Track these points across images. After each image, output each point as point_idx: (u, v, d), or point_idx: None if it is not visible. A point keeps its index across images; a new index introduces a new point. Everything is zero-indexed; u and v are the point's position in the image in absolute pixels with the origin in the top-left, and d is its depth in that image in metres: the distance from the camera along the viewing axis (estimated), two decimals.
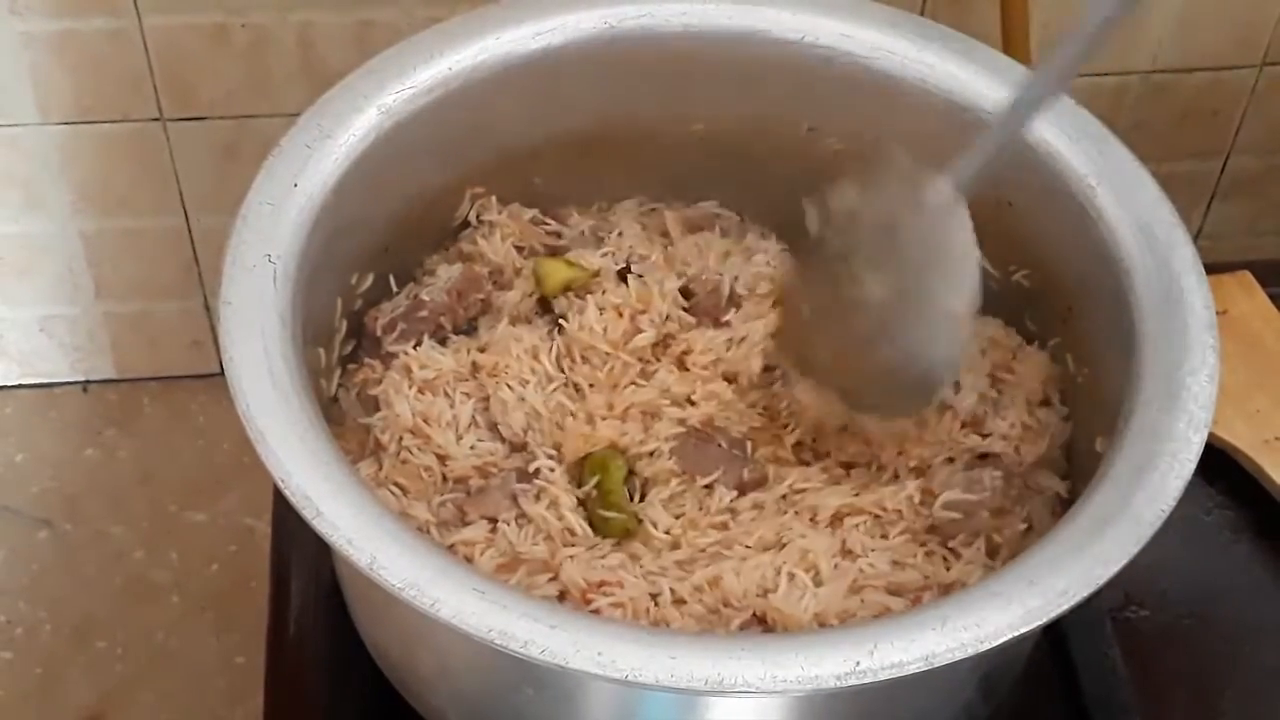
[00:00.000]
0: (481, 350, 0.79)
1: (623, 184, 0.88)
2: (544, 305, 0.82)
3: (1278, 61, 1.32)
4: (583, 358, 0.79)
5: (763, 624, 0.70)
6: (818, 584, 0.71)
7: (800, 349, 0.77)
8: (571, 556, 0.72)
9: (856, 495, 0.75)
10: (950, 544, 0.74)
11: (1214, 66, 1.31)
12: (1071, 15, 1.25)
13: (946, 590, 0.71)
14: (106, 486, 1.39)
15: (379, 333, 0.80)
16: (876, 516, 0.75)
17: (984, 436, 0.78)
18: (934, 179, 0.71)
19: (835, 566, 0.72)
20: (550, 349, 0.79)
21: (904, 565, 0.73)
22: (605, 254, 0.83)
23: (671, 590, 0.70)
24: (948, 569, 0.73)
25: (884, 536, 0.74)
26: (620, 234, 0.85)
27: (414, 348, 0.79)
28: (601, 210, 0.87)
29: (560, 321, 0.80)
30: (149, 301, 1.39)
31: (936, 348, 0.73)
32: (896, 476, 0.76)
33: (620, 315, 0.80)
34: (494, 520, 0.73)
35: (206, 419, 1.43)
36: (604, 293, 0.81)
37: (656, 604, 0.70)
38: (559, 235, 0.86)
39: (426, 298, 0.80)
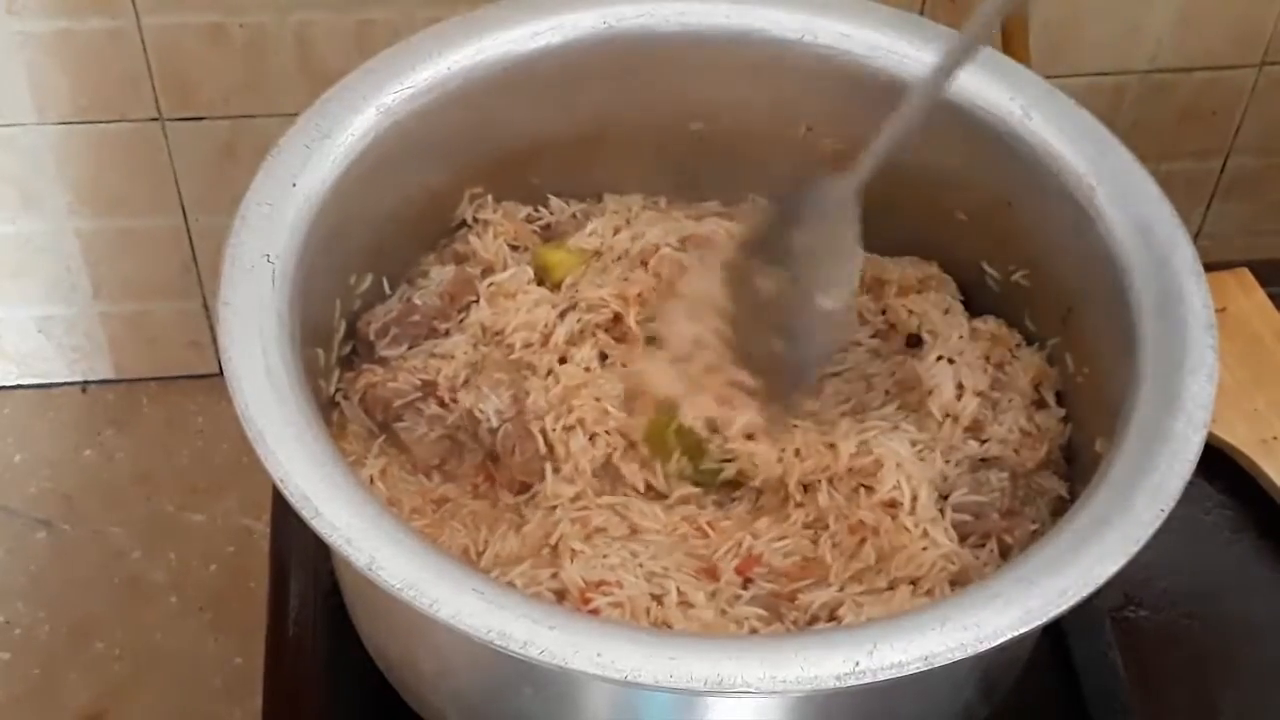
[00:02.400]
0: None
1: (622, 184, 0.88)
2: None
3: (1277, 61, 1.32)
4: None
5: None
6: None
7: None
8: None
9: None
10: (963, 545, 0.74)
11: (1213, 66, 1.32)
12: (1070, 16, 1.25)
13: None
14: (105, 487, 1.39)
15: (372, 337, 0.79)
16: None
17: (982, 442, 0.78)
18: (834, 179, 0.75)
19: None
20: None
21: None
22: (592, 233, 0.83)
23: (680, 591, 0.70)
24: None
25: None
26: (615, 211, 0.85)
27: (408, 351, 0.79)
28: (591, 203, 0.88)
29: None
30: (147, 302, 1.39)
31: (811, 341, 0.77)
32: None
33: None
34: None
35: (205, 419, 1.43)
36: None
37: (661, 604, 0.70)
38: (548, 227, 0.86)
39: (418, 301, 0.80)
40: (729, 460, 0.75)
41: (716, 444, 0.76)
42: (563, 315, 0.81)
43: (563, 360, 0.80)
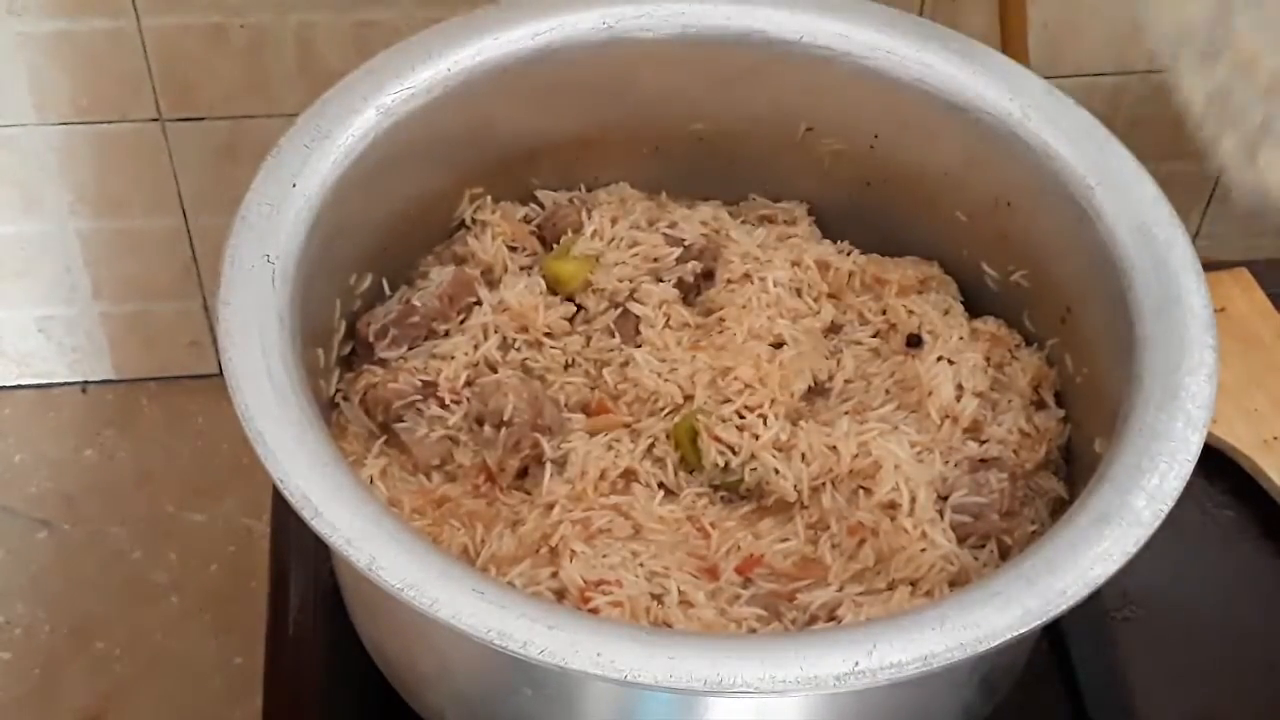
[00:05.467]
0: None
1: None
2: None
3: None
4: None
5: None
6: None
7: None
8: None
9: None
10: (962, 546, 0.74)
11: None
12: (1070, 16, 1.25)
13: None
14: (105, 487, 1.39)
15: (371, 339, 0.80)
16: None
17: (981, 443, 0.78)
18: None
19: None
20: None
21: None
22: (594, 234, 0.83)
23: (680, 590, 0.70)
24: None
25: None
26: (605, 206, 0.85)
27: (408, 352, 0.79)
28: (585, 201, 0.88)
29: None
30: (147, 302, 1.39)
31: None
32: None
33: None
34: None
35: (205, 419, 1.43)
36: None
37: (661, 604, 0.70)
38: (544, 224, 0.86)
39: (418, 303, 0.80)
40: (753, 470, 0.75)
41: (744, 454, 0.76)
42: (579, 312, 0.82)
43: (573, 363, 0.80)
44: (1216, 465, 0.88)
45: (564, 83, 0.82)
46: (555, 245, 0.84)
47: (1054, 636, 0.80)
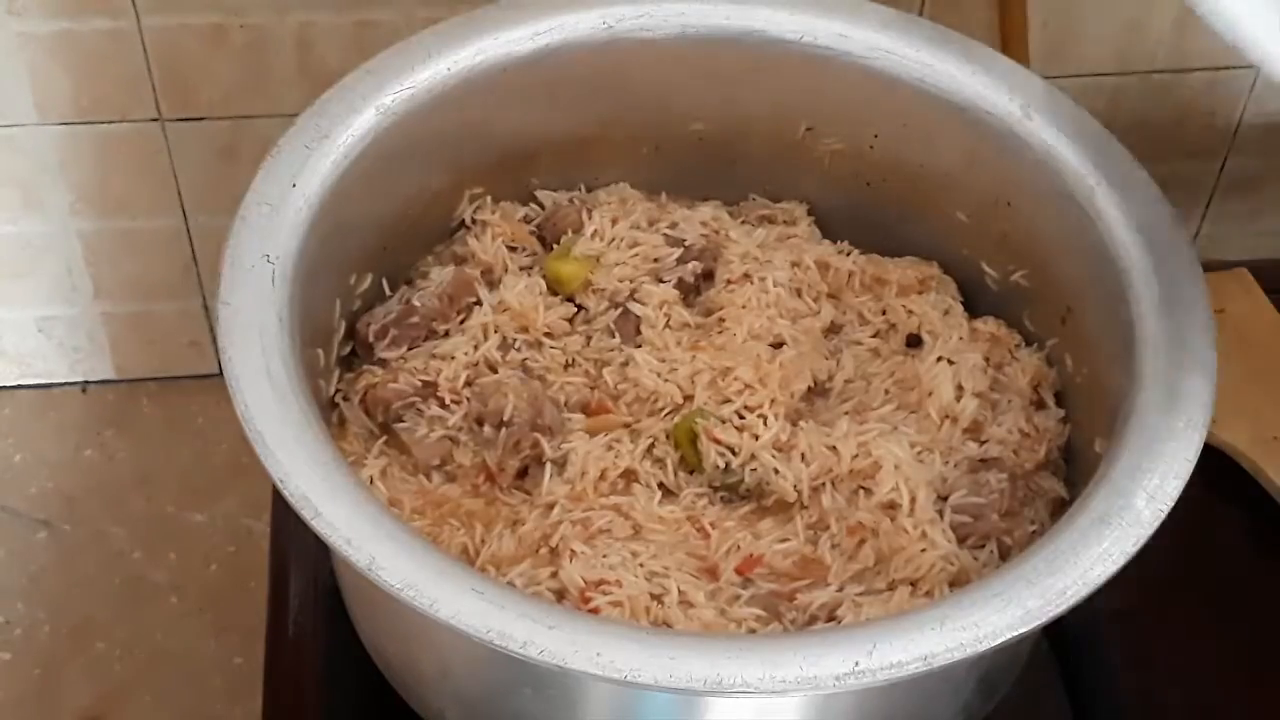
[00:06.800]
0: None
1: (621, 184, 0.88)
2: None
3: None
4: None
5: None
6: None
7: None
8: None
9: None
10: (962, 547, 0.74)
11: (1213, 66, 1.31)
12: (1070, 16, 1.25)
13: None
14: (105, 487, 1.39)
15: (371, 339, 0.80)
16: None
17: (981, 443, 0.78)
18: None
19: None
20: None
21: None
22: (594, 234, 0.83)
23: (680, 590, 0.70)
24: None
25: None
26: (606, 207, 0.85)
27: (408, 351, 0.79)
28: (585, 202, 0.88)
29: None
30: (147, 302, 1.39)
31: None
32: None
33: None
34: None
35: (205, 420, 1.43)
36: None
37: (662, 604, 0.70)
38: (544, 224, 0.86)
39: (417, 303, 0.80)
40: (753, 470, 0.75)
41: (744, 455, 0.76)
42: (579, 312, 0.82)
43: (573, 363, 0.80)
44: (1215, 465, 0.88)
45: (564, 83, 0.82)
46: (555, 245, 0.84)
47: (1054, 636, 0.80)
